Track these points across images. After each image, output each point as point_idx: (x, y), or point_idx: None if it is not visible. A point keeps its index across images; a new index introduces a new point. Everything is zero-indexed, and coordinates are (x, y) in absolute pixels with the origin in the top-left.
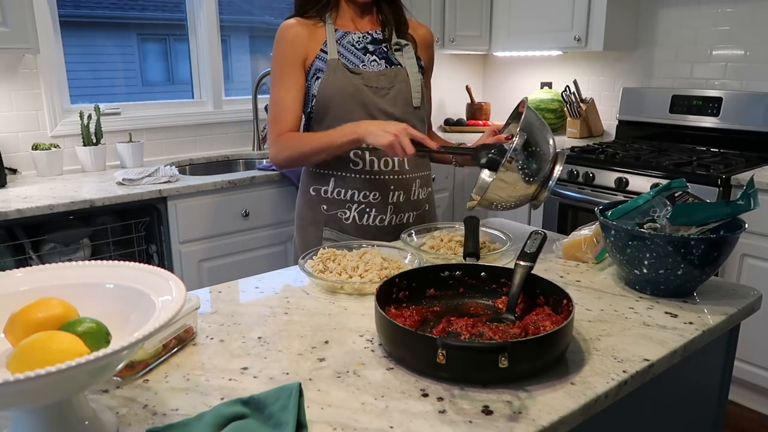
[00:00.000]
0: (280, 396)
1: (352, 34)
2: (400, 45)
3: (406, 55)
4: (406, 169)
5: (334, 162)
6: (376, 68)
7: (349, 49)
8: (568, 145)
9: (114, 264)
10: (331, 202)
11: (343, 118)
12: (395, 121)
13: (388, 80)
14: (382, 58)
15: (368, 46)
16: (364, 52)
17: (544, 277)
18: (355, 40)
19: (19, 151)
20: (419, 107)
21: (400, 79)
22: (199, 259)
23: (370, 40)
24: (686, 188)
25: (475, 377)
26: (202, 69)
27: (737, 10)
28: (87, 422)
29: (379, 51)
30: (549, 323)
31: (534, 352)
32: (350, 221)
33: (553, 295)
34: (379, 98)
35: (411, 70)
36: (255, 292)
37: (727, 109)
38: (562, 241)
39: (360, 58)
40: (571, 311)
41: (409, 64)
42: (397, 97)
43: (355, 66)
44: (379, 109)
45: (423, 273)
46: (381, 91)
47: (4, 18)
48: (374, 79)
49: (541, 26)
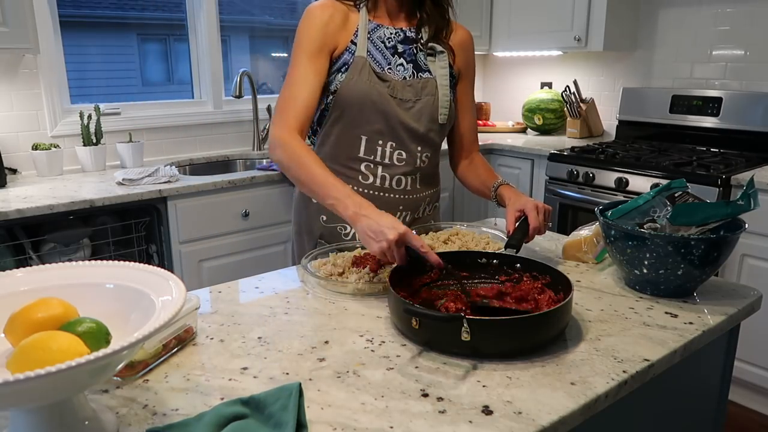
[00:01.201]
0: (280, 396)
1: (384, 28)
2: (435, 51)
3: (438, 63)
4: (417, 188)
5: (342, 172)
6: (401, 74)
7: (378, 45)
8: (568, 145)
9: (114, 264)
10: (332, 213)
11: (360, 125)
12: (397, 223)
13: (415, 92)
14: (410, 62)
15: (398, 46)
16: (393, 52)
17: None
18: (386, 35)
19: (19, 151)
20: (445, 123)
21: (428, 92)
22: (199, 259)
23: (401, 38)
24: (686, 188)
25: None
26: (202, 69)
27: (737, 10)
28: (87, 422)
29: (408, 52)
30: (544, 298)
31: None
32: (350, 237)
33: (558, 284)
34: (402, 111)
35: (441, 81)
36: (255, 292)
37: (727, 109)
38: (562, 241)
39: (387, 59)
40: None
41: (441, 74)
42: (422, 111)
43: (381, 69)
44: (401, 122)
45: (461, 257)
46: (406, 104)
47: (4, 18)
48: (400, 89)
49: (541, 26)
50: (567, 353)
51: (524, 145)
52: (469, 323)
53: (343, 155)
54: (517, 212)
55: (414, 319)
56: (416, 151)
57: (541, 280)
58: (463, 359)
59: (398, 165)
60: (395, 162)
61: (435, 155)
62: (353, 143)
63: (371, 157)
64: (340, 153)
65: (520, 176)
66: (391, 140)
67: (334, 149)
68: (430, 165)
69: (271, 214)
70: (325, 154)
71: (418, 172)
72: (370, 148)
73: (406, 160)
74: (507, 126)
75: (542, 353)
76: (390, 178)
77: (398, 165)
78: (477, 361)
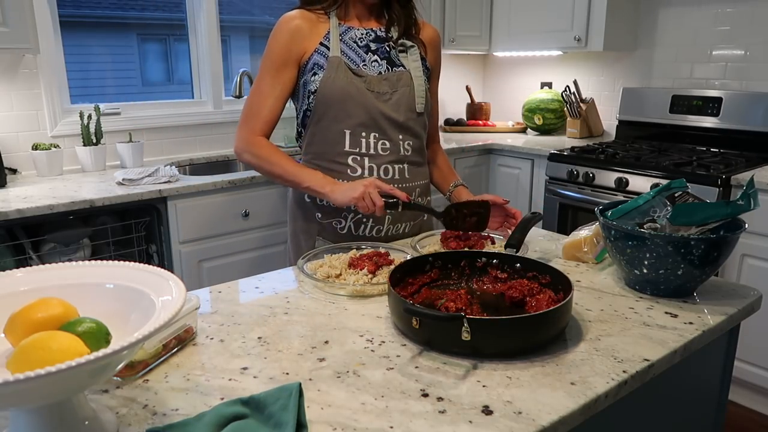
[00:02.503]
0: (280, 396)
1: (355, 29)
2: (405, 46)
3: (411, 57)
4: (406, 177)
5: (331, 168)
6: (376, 69)
7: (350, 45)
8: (568, 145)
9: (114, 264)
10: (327, 210)
11: (343, 120)
12: (363, 179)
13: (390, 84)
14: (383, 59)
15: (370, 44)
16: (366, 51)
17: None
18: (357, 36)
19: (19, 151)
20: (423, 113)
21: (403, 83)
22: (199, 259)
23: (373, 37)
24: (686, 188)
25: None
26: (202, 69)
27: (737, 10)
28: (87, 422)
29: (381, 50)
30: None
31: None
32: (345, 231)
33: (558, 284)
34: (381, 102)
35: (415, 73)
36: (255, 292)
37: (727, 109)
38: (562, 241)
39: (361, 57)
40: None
41: (414, 67)
42: (399, 102)
43: (356, 66)
44: (381, 113)
45: (457, 257)
46: (383, 96)
47: (4, 18)
48: (376, 83)
49: (541, 26)
50: (567, 353)
51: (524, 145)
52: (469, 323)
53: (331, 151)
54: (482, 199)
55: (414, 318)
56: (398, 139)
57: (542, 279)
58: (463, 359)
59: (383, 155)
60: (380, 152)
61: (418, 144)
62: (338, 138)
63: (356, 150)
64: (328, 149)
65: (520, 176)
66: (374, 131)
67: (321, 147)
68: (414, 154)
69: (271, 214)
70: (314, 152)
71: (405, 161)
72: (354, 141)
73: (390, 149)
74: (507, 126)
75: (542, 353)
76: (377, 168)
77: (383, 155)
78: (477, 360)
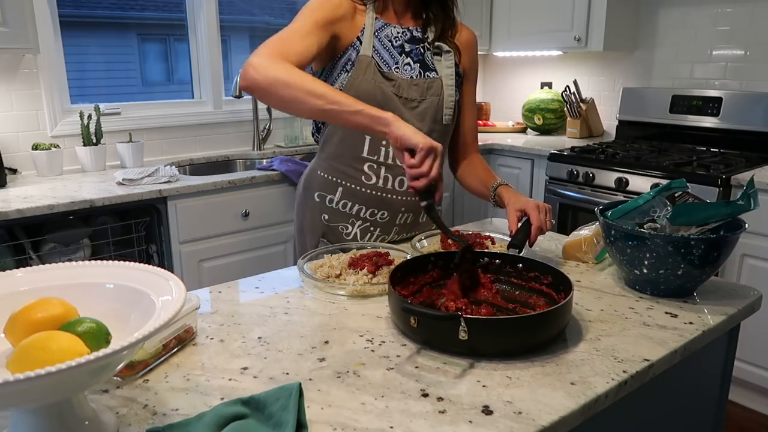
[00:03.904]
0: (280, 396)
1: (391, 27)
2: (441, 50)
3: (445, 62)
4: None
5: (345, 171)
6: (408, 74)
7: (385, 44)
8: (568, 145)
9: (114, 264)
10: (335, 213)
11: None
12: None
13: (420, 91)
14: (417, 62)
15: (405, 45)
16: (400, 52)
17: None
18: (393, 34)
19: (19, 151)
20: (448, 124)
21: (433, 92)
22: (199, 259)
23: (408, 37)
24: (686, 188)
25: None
26: (202, 69)
27: (737, 10)
28: (87, 422)
29: (415, 52)
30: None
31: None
32: (351, 237)
33: (559, 284)
34: (407, 110)
35: (447, 81)
36: (255, 292)
37: (727, 109)
38: (562, 241)
39: (394, 59)
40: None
41: (447, 74)
42: (426, 112)
43: (388, 68)
44: (405, 121)
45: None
46: (411, 103)
47: (4, 18)
48: (405, 88)
49: (541, 26)
50: (567, 353)
51: (524, 145)
52: (466, 322)
53: (347, 155)
54: (518, 212)
55: (412, 317)
56: None
57: (542, 279)
58: (462, 359)
59: (401, 165)
60: (398, 162)
61: None
62: (357, 143)
63: (375, 157)
64: (344, 152)
65: (520, 176)
66: None
67: (339, 148)
68: None
69: (271, 214)
70: (329, 153)
71: None
72: (373, 147)
73: None
74: (507, 126)
75: (542, 353)
76: (393, 179)
77: (401, 165)
78: (476, 360)
